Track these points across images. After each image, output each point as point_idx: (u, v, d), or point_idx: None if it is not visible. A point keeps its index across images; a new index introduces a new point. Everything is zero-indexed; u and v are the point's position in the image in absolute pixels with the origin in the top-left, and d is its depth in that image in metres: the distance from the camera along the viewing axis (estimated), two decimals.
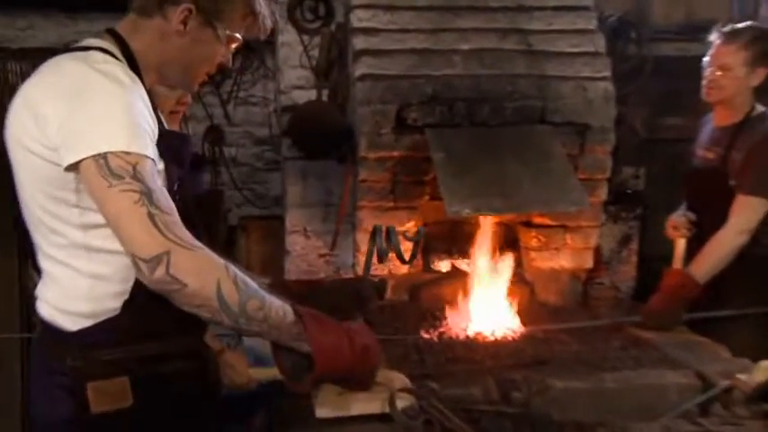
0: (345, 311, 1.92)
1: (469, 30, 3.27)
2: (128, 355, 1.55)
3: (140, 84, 1.55)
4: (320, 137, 3.33)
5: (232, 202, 4.12)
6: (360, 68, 3.16)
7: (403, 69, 3.18)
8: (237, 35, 1.69)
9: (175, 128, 2.34)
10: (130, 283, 1.53)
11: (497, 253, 3.21)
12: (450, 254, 3.38)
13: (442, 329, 2.96)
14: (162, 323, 1.57)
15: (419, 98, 3.14)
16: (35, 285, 1.65)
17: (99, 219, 1.47)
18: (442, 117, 3.14)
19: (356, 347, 1.55)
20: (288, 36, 3.58)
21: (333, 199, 3.46)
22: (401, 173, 3.18)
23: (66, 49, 1.59)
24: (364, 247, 3.32)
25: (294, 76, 3.58)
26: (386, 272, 3.32)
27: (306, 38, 3.57)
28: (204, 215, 1.85)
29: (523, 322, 2.99)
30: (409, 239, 2.28)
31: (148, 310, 1.53)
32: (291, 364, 1.56)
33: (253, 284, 1.46)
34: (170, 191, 1.57)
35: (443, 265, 3.40)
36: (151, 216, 1.37)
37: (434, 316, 3.10)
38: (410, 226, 3.29)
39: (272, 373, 2.31)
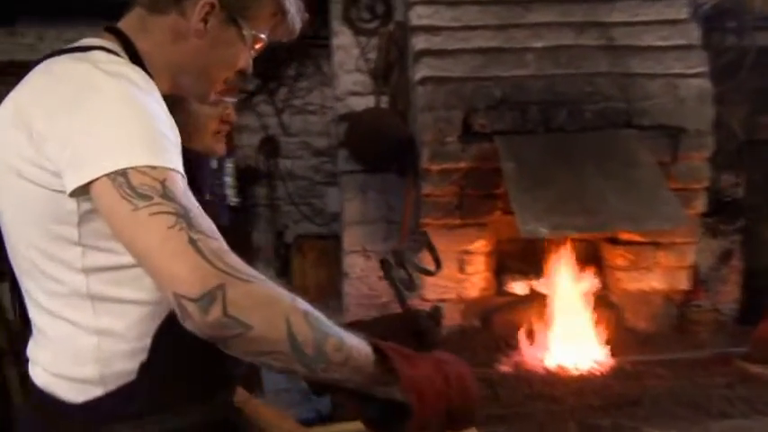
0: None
1: (542, 25, 2.94)
2: (144, 430, 1.26)
3: (156, 87, 1.26)
4: (379, 148, 3.05)
5: (290, 219, 3.88)
6: (420, 71, 2.87)
7: (468, 71, 2.87)
8: (263, 35, 1.42)
9: (220, 150, 2.06)
10: (148, 340, 1.23)
11: (579, 273, 2.89)
12: (525, 274, 3.06)
13: (517, 360, 2.68)
14: (186, 388, 1.28)
15: (487, 102, 2.83)
16: (25, 342, 1.39)
17: (106, 260, 1.19)
18: (513, 123, 2.83)
19: (451, 380, 1.21)
20: (343, 38, 3.31)
21: (394, 215, 3.17)
22: (468, 186, 2.88)
23: (60, 50, 1.30)
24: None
25: (350, 81, 3.30)
26: (453, 295, 3.03)
27: (363, 39, 3.29)
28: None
29: (611, 353, 2.66)
30: (416, 249, 1.96)
31: (171, 374, 1.25)
32: (379, 413, 1.23)
33: (325, 319, 1.13)
34: None
35: (518, 288, 3.09)
36: (193, 242, 1.06)
37: (509, 345, 2.80)
38: (480, 245, 2.99)
39: (339, 429, 2.03)
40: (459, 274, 3.03)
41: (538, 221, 2.47)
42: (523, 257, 3.09)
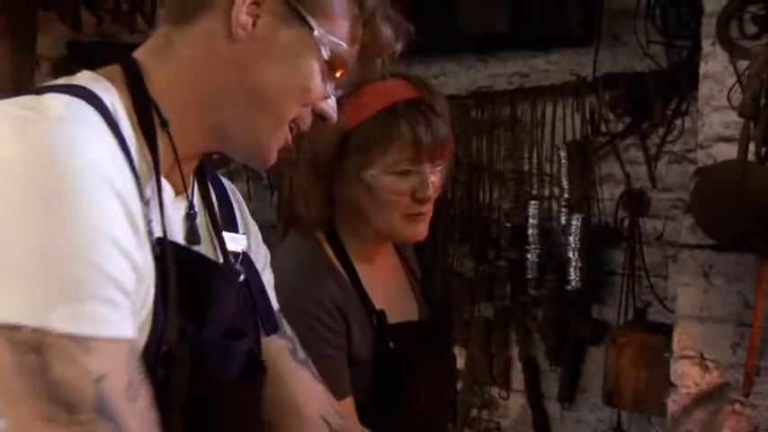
0: None
1: None
2: None
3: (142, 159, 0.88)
4: (733, 216, 2.12)
5: (652, 295, 3.00)
6: None
7: None
8: (342, 43, 0.95)
9: (416, 235, 1.43)
10: None
11: None
12: None
13: None
14: None
15: None
16: None
17: None
18: None
19: None
20: (714, 63, 2.41)
21: (750, 315, 2.17)
22: None
23: (16, 92, 0.88)
24: None
25: (720, 121, 2.39)
26: None
27: (743, 64, 2.35)
28: None
29: None
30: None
31: None
32: None
33: None
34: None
35: None
36: None
37: None
38: None
39: None
40: None
41: None
42: None
